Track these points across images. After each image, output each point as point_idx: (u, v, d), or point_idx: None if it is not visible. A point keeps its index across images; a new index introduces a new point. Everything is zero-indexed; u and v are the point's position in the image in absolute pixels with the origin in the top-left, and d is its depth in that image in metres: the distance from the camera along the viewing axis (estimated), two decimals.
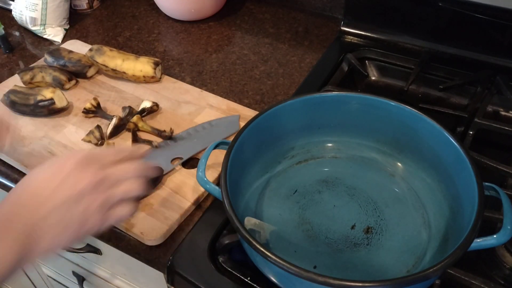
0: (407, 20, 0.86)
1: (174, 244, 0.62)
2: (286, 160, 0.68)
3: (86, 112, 0.77)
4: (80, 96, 0.82)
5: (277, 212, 0.63)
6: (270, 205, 0.64)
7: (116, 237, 0.64)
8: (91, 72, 0.85)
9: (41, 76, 0.82)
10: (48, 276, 1.11)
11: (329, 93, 0.67)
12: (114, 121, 0.74)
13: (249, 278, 0.58)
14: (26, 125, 0.77)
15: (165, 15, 1.03)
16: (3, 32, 0.94)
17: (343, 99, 0.66)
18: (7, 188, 0.73)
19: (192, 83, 0.86)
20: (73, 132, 0.75)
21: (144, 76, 0.82)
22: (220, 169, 0.58)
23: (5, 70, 0.92)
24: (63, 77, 0.82)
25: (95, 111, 0.77)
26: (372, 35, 0.90)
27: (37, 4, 0.95)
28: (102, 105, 0.79)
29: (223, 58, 0.92)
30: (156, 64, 0.83)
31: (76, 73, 0.84)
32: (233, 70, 0.89)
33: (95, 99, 0.78)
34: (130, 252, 0.64)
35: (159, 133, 0.73)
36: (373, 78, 0.88)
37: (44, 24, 0.97)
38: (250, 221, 0.58)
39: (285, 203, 0.64)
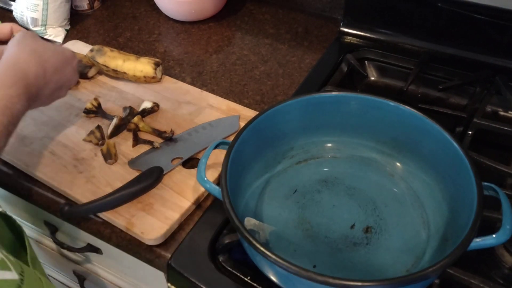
0: (407, 21, 0.86)
1: (174, 244, 0.62)
2: (286, 160, 0.69)
3: (87, 112, 0.78)
4: (81, 97, 0.82)
5: (277, 212, 0.63)
6: (270, 204, 0.64)
7: (117, 237, 0.64)
8: (92, 72, 0.85)
9: None
10: (49, 275, 1.11)
11: (329, 93, 0.67)
12: (115, 121, 0.74)
13: (249, 278, 0.58)
14: (27, 125, 0.77)
15: (166, 16, 1.03)
16: None
17: (343, 100, 0.66)
18: (8, 188, 0.73)
19: (192, 83, 0.86)
20: (74, 132, 0.76)
21: (144, 77, 0.83)
22: (220, 169, 0.58)
23: None
24: None
25: (96, 111, 0.78)
26: (372, 35, 0.90)
27: (38, 5, 0.95)
28: (102, 105, 0.79)
29: (223, 59, 0.92)
30: (156, 65, 0.83)
31: None
32: (233, 70, 0.89)
33: (96, 99, 0.78)
34: (131, 251, 0.64)
35: (159, 134, 0.74)
36: (373, 78, 0.88)
37: (45, 25, 0.97)
38: (249, 222, 0.58)
39: (285, 203, 0.64)
